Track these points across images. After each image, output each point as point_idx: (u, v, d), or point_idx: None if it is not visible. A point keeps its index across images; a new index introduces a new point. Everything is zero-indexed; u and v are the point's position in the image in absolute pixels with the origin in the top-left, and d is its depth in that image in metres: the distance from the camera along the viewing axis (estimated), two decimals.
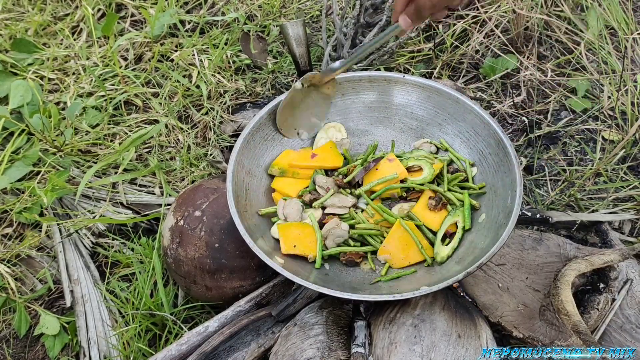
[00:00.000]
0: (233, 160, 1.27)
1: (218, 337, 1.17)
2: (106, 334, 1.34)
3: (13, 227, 1.54)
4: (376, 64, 1.77)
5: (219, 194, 1.33)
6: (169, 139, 1.69)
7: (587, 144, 1.66)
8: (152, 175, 1.62)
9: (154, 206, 1.55)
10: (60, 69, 1.89)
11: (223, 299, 1.31)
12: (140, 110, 1.78)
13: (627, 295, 1.23)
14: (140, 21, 2.04)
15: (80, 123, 1.70)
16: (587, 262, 1.20)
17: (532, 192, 1.57)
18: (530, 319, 1.20)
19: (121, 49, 1.92)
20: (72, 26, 2.02)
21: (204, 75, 1.79)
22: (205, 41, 1.90)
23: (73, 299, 1.40)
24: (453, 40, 1.81)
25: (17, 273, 1.47)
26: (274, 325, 1.25)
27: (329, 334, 1.17)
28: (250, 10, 1.99)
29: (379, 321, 1.16)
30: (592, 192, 1.55)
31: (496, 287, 1.26)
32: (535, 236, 1.34)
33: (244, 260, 1.28)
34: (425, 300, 1.16)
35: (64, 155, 1.63)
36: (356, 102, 1.45)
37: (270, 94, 1.81)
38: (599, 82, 1.75)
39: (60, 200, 1.57)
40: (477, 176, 1.35)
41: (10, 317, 1.41)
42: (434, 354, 1.07)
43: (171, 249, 1.31)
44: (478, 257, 1.12)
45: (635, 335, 1.18)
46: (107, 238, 1.53)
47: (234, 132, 1.70)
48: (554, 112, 1.73)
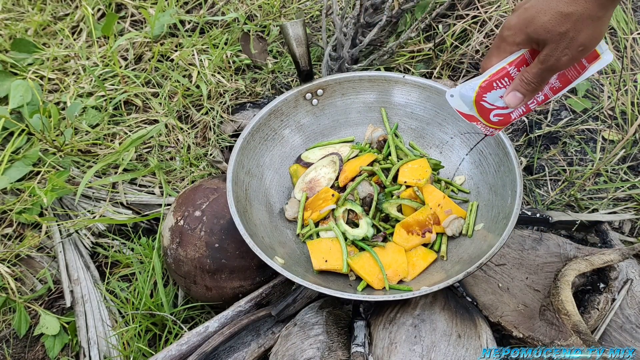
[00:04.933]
0: (233, 160, 1.27)
1: (218, 337, 1.17)
2: (106, 334, 1.34)
3: (13, 227, 1.54)
4: (376, 64, 1.77)
5: (219, 194, 1.33)
6: (169, 139, 1.69)
7: (587, 144, 1.66)
8: (152, 175, 1.62)
9: (154, 206, 1.55)
10: (60, 69, 1.89)
11: (223, 299, 1.31)
12: (140, 110, 1.78)
13: (627, 295, 1.23)
14: (140, 21, 2.04)
15: (80, 123, 1.70)
16: (587, 262, 1.20)
17: (532, 192, 1.57)
18: (530, 319, 1.20)
19: (121, 49, 1.92)
20: (72, 26, 2.02)
21: (204, 75, 1.79)
22: (205, 41, 1.90)
23: (73, 299, 1.40)
24: (453, 40, 1.81)
25: (17, 273, 1.47)
26: (274, 325, 1.25)
27: (329, 334, 1.17)
28: (250, 10, 1.98)
29: (379, 321, 1.16)
30: (592, 192, 1.55)
31: (496, 287, 1.26)
32: (535, 236, 1.34)
33: (244, 261, 1.28)
34: (425, 300, 1.16)
35: (64, 155, 1.63)
36: (356, 102, 1.45)
37: (270, 94, 1.81)
38: (599, 82, 1.75)
39: (60, 201, 1.57)
40: (477, 176, 1.35)
41: (10, 317, 1.41)
42: (434, 354, 1.07)
43: (171, 249, 1.31)
44: (478, 257, 1.12)
45: (635, 335, 1.18)
46: (107, 238, 1.53)
47: (234, 132, 1.70)
48: (554, 112, 1.73)
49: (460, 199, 1.34)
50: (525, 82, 0.87)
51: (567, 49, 0.80)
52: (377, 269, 1.18)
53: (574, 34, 0.78)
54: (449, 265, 1.21)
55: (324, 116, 1.45)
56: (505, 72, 0.89)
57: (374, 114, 1.46)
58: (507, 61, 0.88)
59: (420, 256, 1.23)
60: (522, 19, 0.82)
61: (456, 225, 1.25)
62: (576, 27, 0.78)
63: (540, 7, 0.79)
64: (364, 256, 1.20)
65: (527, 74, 0.86)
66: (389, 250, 1.22)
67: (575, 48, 0.80)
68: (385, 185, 1.30)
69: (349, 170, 1.33)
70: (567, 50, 0.80)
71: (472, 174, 1.36)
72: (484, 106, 0.97)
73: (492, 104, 0.96)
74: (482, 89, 0.94)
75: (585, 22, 0.77)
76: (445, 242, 1.26)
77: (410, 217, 1.24)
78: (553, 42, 0.80)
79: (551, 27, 0.79)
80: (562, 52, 0.80)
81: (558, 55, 0.81)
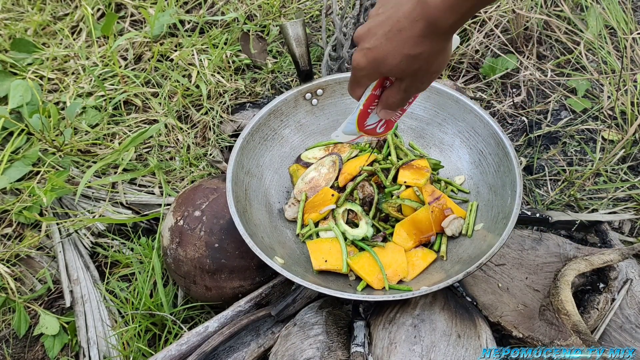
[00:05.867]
0: (233, 160, 1.27)
1: (218, 337, 1.17)
2: (106, 334, 1.34)
3: (12, 227, 1.54)
4: None
5: (219, 194, 1.33)
6: (169, 138, 1.69)
7: (587, 144, 1.66)
8: (151, 175, 1.62)
9: (154, 206, 1.55)
10: (60, 68, 1.89)
11: (223, 299, 1.31)
12: (139, 110, 1.78)
13: (626, 295, 1.23)
14: (139, 21, 2.04)
15: (79, 123, 1.70)
16: (586, 262, 1.20)
17: (532, 192, 1.57)
18: (530, 319, 1.20)
19: (121, 49, 1.92)
20: (72, 26, 2.02)
21: (204, 75, 1.79)
22: (204, 41, 1.90)
23: (73, 299, 1.40)
24: None
25: (16, 273, 1.46)
26: (274, 325, 1.25)
27: (328, 334, 1.17)
28: (250, 10, 1.98)
29: (379, 321, 1.16)
30: (592, 192, 1.55)
31: (496, 287, 1.26)
32: (535, 236, 1.34)
33: (243, 260, 1.28)
34: (425, 300, 1.16)
35: (64, 155, 1.63)
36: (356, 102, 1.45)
37: (270, 94, 1.81)
38: (599, 82, 1.75)
39: (59, 200, 1.57)
40: (477, 176, 1.35)
41: (10, 317, 1.41)
42: (433, 354, 1.07)
43: (171, 249, 1.31)
44: (478, 257, 1.12)
45: (635, 335, 1.18)
46: (107, 238, 1.53)
47: (233, 132, 1.70)
48: (553, 112, 1.73)
49: (460, 199, 1.34)
50: (391, 103, 0.91)
51: (424, 77, 0.83)
52: (377, 269, 1.18)
53: (427, 67, 0.81)
54: (448, 265, 1.21)
55: (324, 116, 1.45)
56: (373, 97, 0.95)
57: None
58: (370, 89, 0.93)
59: (420, 256, 1.23)
60: (371, 61, 0.82)
61: (456, 225, 1.25)
62: (427, 62, 0.80)
63: (387, 51, 0.79)
64: (364, 256, 1.20)
65: (392, 99, 0.89)
66: (389, 250, 1.22)
67: (430, 77, 0.84)
68: (385, 185, 1.30)
69: (348, 170, 1.33)
70: (425, 79, 0.84)
71: (471, 174, 1.36)
72: (368, 129, 1.05)
73: (373, 123, 1.03)
74: (361, 118, 1.01)
75: (434, 56, 0.80)
76: (445, 242, 1.26)
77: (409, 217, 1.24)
78: (409, 77, 0.83)
79: (404, 68, 0.80)
80: (420, 81, 0.84)
81: (417, 86, 0.85)
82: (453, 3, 0.71)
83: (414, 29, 0.76)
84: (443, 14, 0.73)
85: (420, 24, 0.75)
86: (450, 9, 0.72)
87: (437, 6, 0.72)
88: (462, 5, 0.71)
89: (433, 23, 0.74)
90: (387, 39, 0.78)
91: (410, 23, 0.75)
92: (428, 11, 0.73)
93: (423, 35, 0.76)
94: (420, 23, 0.75)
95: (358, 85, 0.90)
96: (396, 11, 0.77)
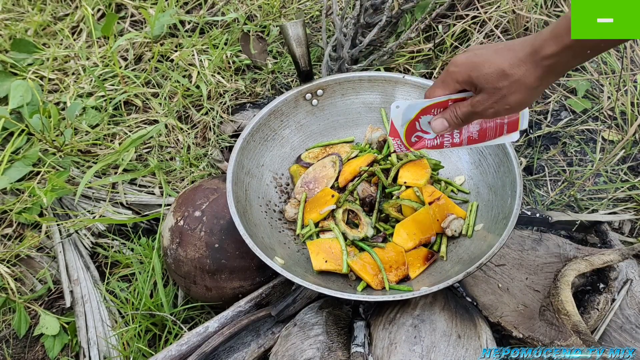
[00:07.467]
0: (233, 161, 1.27)
1: (218, 338, 1.17)
2: (106, 334, 1.34)
3: (13, 227, 1.54)
4: (376, 64, 1.77)
5: (219, 194, 1.33)
6: (169, 139, 1.69)
7: (587, 144, 1.66)
8: (152, 175, 1.62)
9: (154, 206, 1.55)
10: (60, 69, 1.89)
11: (223, 299, 1.31)
12: (140, 110, 1.78)
13: (627, 295, 1.23)
14: (140, 21, 2.04)
15: (80, 123, 1.70)
16: (586, 262, 1.20)
17: (532, 192, 1.57)
18: (530, 319, 1.20)
19: (121, 49, 1.92)
20: (72, 26, 2.02)
21: (204, 76, 1.79)
22: (205, 41, 1.90)
23: (73, 299, 1.40)
24: (453, 41, 1.81)
25: (16, 273, 1.46)
26: (274, 326, 1.25)
27: (328, 334, 1.17)
28: (250, 11, 1.98)
29: (379, 321, 1.16)
30: (592, 192, 1.55)
31: (496, 288, 1.26)
32: (535, 236, 1.34)
33: (244, 261, 1.28)
34: (425, 300, 1.16)
35: (64, 155, 1.63)
36: (356, 102, 1.46)
37: (270, 94, 1.81)
38: (599, 82, 1.75)
39: (60, 201, 1.57)
40: (477, 176, 1.35)
41: (10, 317, 1.41)
42: (433, 354, 1.07)
43: (171, 249, 1.31)
44: (478, 258, 1.12)
45: (635, 335, 1.18)
46: (107, 238, 1.53)
47: (233, 133, 1.70)
48: (554, 112, 1.73)
49: (460, 199, 1.34)
50: (454, 114, 0.96)
51: (496, 103, 0.88)
52: (377, 269, 1.18)
53: (507, 92, 0.86)
54: (448, 266, 1.21)
55: (324, 116, 1.45)
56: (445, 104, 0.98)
57: (373, 114, 1.46)
58: (450, 97, 0.97)
59: (420, 257, 1.23)
60: (469, 62, 0.90)
61: (456, 225, 1.25)
62: (511, 87, 0.86)
63: (488, 59, 0.87)
64: (364, 256, 1.20)
65: (457, 109, 0.95)
66: (389, 250, 1.22)
67: (502, 105, 0.88)
68: (385, 185, 1.30)
69: (348, 170, 1.33)
70: (496, 105, 0.89)
71: (472, 174, 1.36)
72: (414, 126, 1.05)
73: (420, 126, 1.05)
74: (423, 111, 1.02)
75: (521, 87, 0.85)
76: (445, 243, 1.26)
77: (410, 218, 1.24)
78: (487, 92, 0.88)
79: (491, 80, 0.86)
80: (491, 104, 0.89)
81: (486, 106, 0.90)
82: (557, 33, 0.80)
83: (521, 51, 0.84)
84: (546, 42, 0.81)
85: (527, 48, 0.83)
86: (554, 38, 0.80)
87: (544, 34, 0.82)
88: (564, 38, 0.79)
89: (536, 49, 0.82)
90: (495, 51, 0.87)
91: (521, 45, 0.85)
92: (538, 37, 0.83)
93: (525, 59, 0.84)
94: (528, 47, 0.83)
95: (443, 85, 0.95)
96: (519, 40, 0.87)
